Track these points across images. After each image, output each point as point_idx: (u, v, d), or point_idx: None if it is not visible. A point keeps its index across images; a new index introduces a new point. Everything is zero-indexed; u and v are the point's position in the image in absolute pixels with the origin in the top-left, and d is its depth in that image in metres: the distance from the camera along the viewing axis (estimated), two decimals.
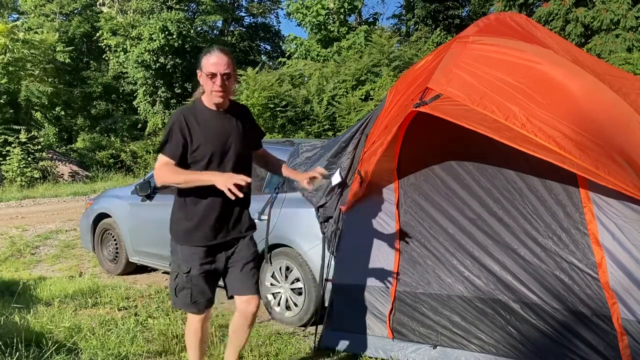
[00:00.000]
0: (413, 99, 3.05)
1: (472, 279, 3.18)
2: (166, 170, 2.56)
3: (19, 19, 26.00)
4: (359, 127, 3.74)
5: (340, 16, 19.11)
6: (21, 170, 16.42)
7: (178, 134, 2.58)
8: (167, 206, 5.43)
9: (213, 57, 2.59)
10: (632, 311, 2.68)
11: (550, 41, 3.32)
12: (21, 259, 7.22)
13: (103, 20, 24.84)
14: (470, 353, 3.18)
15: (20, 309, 4.24)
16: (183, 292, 2.73)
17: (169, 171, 2.56)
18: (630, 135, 2.66)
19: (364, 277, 3.57)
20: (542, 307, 2.94)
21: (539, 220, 3.00)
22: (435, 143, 3.38)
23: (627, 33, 11.73)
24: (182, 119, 2.60)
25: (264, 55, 32.70)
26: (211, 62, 2.58)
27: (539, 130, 2.66)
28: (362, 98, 13.11)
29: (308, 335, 4.03)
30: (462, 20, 19.31)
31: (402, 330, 3.42)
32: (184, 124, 2.60)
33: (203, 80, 2.62)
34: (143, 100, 23.86)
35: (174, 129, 2.60)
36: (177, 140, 2.58)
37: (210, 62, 2.58)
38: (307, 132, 12.96)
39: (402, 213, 3.48)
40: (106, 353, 3.42)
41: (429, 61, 3.43)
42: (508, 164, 3.09)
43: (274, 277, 4.49)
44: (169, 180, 2.56)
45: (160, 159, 2.60)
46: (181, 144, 2.58)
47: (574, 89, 2.80)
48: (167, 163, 2.58)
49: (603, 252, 2.78)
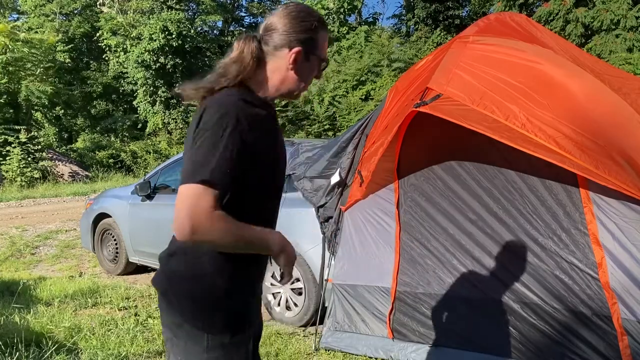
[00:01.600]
0: (413, 99, 3.05)
1: (472, 279, 3.18)
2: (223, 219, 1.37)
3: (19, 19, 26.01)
4: (359, 127, 3.74)
5: (340, 16, 19.12)
6: (21, 170, 16.43)
7: (238, 144, 1.40)
8: (166, 206, 5.47)
9: (327, 34, 1.60)
10: (632, 311, 2.68)
11: (550, 41, 3.32)
12: (21, 259, 7.22)
13: (103, 20, 24.86)
14: (470, 353, 3.17)
15: (20, 309, 4.24)
16: None
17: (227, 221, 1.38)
18: (631, 135, 2.66)
19: (364, 277, 3.57)
20: (542, 307, 2.94)
21: (539, 220, 3.00)
22: (435, 143, 3.38)
23: (627, 33, 11.72)
24: (245, 117, 1.43)
25: None
26: (326, 42, 1.60)
27: (539, 130, 2.66)
28: (363, 98, 13.12)
29: (308, 335, 4.03)
30: (462, 20, 19.31)
31: (402, 330, 3.42)
32: (248, 127, 1.43)
33: (302, 64, 1.55)
34: (143, 100, 23.87)
35: (231, 133, 1.39)
36: (236, 155, 1.40)
37: (326, 43, 1.60)
38: (307, 132, 12.97)
39: (402, 213, 3.48)
40: (106, 353, 3.42)
41: (429, 61, 3.43)
42: (508, 164, 3.09)
43: (274, 277, 4.49)
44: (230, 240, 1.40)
45: (202, 197, 1.35)
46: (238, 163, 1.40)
47: (574, 89, 2.80)
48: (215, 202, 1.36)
49: (603, 252, 2.78)
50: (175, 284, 1.52)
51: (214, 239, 1.37)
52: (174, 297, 1.51)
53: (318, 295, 4.01)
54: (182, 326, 1.49)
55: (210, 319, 1.49)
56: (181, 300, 1.50)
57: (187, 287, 1.50)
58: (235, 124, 1.39)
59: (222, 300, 1.50)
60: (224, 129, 1.38)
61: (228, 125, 1.38)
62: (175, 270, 1.54)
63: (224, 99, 1.45)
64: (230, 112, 1.40)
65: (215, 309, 1.50)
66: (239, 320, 1.53)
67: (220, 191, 1.36)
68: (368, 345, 3.50)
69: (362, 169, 3.51)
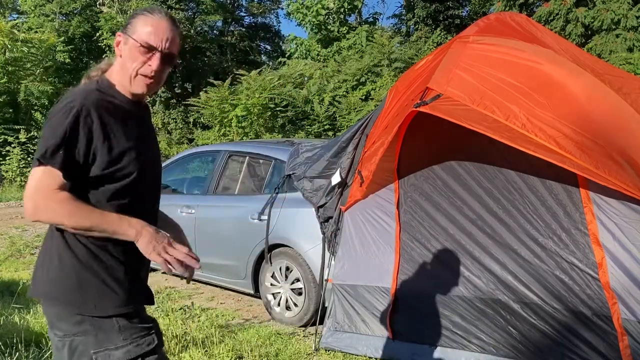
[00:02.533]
0: (413, 99, 3.05)
1: (472, 279, 3.18)
2: (63, 199, 1.45)
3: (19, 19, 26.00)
4: (359, 127, 3.73)
5: (340, 16, 19.10)
6: (21, 170, 16.41)
7: (81, 134, 1.48)
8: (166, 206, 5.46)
9: (156, 20, 1.60)
10: (632, 311, 2.68)
11: (550, 41, 3.32)
12: (21, 259, 7.22)
13: (103, 20, 24.83)
14: (471, 353, 3.17)
15: (20, 309, 4.23)
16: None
17: (68, 202, 1.46)
18: (631, 135, 2.66)
19: (364, 277, 3.57)
20: (543, 307, 2.94)
21: (539, 220, 2.99)
22: (435, 143, 3.38)
23: (628, 33, 11.71)
24: (89, 110, 1.50)
25: (264, 55, 32.72)
26: (150, 28, 1.58)
27: (539, 130, 2.66)
28: (363, 98, 13.11)
29: (308, 335, 4.03)
30: (462, 20, 19.29)
31: (402, 330, 3.41)
32: (92, 118, 1.51)
33: (128, 52, 1.59)
34: None
35: (73, 124, 1.47)
36: (79, 143, 1.48)
37: (149, 29, 1.58)
38: (307, 132, 12.96)
39: (402, 213, 3.48)
40: None
41: (429, 61, 3.43)
42: (508, 164, 3.09)
43: (274, 277, 4.48)
44: (74, 221, 1.47)
45: (42, 175, 1.45)
46: (83, 152, 1.49)
47: (575, 89, 2.80)
48: (58, 185, 1.46)
49: (603, 252, 2.78)
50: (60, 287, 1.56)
51: (56, 218, 1.47)
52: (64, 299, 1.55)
53: (318, 295, 4.00)
54: (84, 321, 1.54)
55: (105, 302, 1.55)
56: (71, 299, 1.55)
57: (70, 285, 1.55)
58: (79, 110, 1.48)
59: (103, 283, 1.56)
60: (66, 115, 1.47)
61: (71, 111, 1.47)
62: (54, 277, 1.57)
63: (77, 89, 1.58)
64: (76, 100, 1.50)
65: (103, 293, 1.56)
66: (127, 295, 1.60)
67: (63, 173, 1.45)
68: (368, 345, 3.50)
69: (362, 169, 3.51)
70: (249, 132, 12.80)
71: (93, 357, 1.54)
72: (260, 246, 4.41)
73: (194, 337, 3.74)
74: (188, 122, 22.08)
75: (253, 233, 4.44)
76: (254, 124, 12.76)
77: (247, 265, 4.59)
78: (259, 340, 3.79)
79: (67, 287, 1.55)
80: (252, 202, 4.63)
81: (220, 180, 5.13)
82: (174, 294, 5.09)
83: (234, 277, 4.81)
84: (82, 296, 1.54)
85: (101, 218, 1.49)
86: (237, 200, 4.91)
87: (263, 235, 4.33)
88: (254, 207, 4.53)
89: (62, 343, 1.56)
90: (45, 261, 1.60)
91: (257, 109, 12.53)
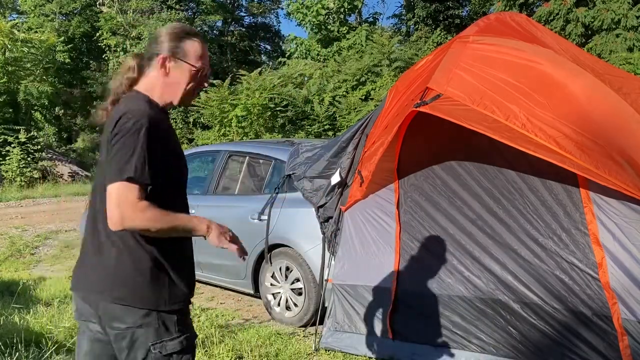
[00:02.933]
0: (413, 99, 3.05)
1: (472, 279, 3.18)
2: (144, 208, 1.61)
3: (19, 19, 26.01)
4: (359, 127, 3.73)
5: (340, 16, 19.10)
6: (21, 170, 16.41)
7: (153, 148, 1.65)
8: None
9: (202, 46, 1.86)
10: (632, 311, 2.68)
11: (550, 41, 3.32)
12: (21, 259, 7.22)
13: (103, 20, 24.83)
14: (471, 353, 3.17)
15: (20, 309, 4.23)
16: None
17: (149, 210, 1.62)
18: (631, 135, 2.66)
19: (364, 277, 3.57)
20: (543, 307, 2.94)
21: (539, 220, 2.99)
22: (435, 143, 3.38)
23: (628, 33, 11.71)
24: (153, 125, 1.67)
25: (264, 55, 32.72)
26: (200, 49, 1.84)
27: (539, 130, 2.66)
28: (363, 98, 13.11)
29: (308, 335, 4.03)
30: (462, 20, 19.30)
31: (402, 330, 3.41)
32: (156, 133, 1.68)
33: (181, 73, 1.80)
34: None
35: (148, 142, 1.64)
36: (154, 156, 1.66)
37: (200, 50, 1.84)
38: (307, 132, 12.96)
39: (402, 213, 3.48)
40: None
41: (429, 61, 3.43)
42: (508, 164, 3.09)
43: (274, 277, 4.48)
44: (157, 226, 1.64)
45: (126, 189, 1.61)
46: (156, 163, 1.67)
47: (575, 89, 2.80)
48: (139, 196, 1.63)
49: (603, 252, 2.78)
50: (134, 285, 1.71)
51: (142, 226, 1.62)
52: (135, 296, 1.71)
53: (318, 295, 4.00)
54: (150, 315, 1.70)
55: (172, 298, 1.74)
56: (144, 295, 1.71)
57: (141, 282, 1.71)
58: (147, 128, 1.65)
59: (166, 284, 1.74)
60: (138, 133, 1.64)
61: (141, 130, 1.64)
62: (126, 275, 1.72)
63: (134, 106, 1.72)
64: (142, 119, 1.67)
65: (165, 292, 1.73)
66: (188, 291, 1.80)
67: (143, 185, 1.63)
68: (368, 345, 3.50)
69: (362, 169, 3.51)
70: (249, 132, 12.80)
71: (151, 348, 1.69)
72: (260, 246, 4.40)
73: None
74: (188, 122, 22.06)
75: (253, 233, 4.43)
76: (254, 124, 12.76)
77: (247, 265, 4.59)
78: (259, 340, 3.79)
79: (141, 284, 1.69)
80: (252, 202, 4.63)
81: (220, 180, 5.13)
82: None
83: (234, 277, 4.81)
84: (154, 293, 1.70)
85: (177, 219, 1.69)
86: (237, 200, 4.91)
87: (263, 235, 4.33)
88: (254, 207, 4.53)
89: (122, 335, 1.70)
90: (115, 260, 1.71)
91: (257, 109, 12.53)
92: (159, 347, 1.70)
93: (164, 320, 1.71)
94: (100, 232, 1.73)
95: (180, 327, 1.75)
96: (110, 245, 1.71)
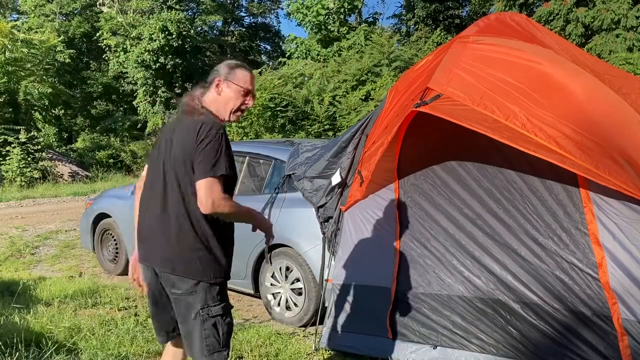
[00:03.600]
0: (413, 99, 3.05)
1: (472, 279, 3.18)
2: (227, 198, 2.19)
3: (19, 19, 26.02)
4: (359, 127, 3.74)
5: (340, 16, 19.10)
6: (21, 170, 16.41)
7: (229, 150, 2.23)
8: None
9: (249, 73, 2.38)
10: (632, 311, 2.68)
11: (550, 41, 3.32)
12: (21, 259, 7.22)
13: (103, 20, 24.84)
14: (471, 353, 3.17)
15: (20, 309, 4.23)
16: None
17: (230, 200, 2.22)
18: (631, 135, 2.66)
19: (364, 277, 3.57)
20: (543, 307, 2.94)
21: (539, 220, 2.99)
22: (435, 143, 3.38)
23: (628, 33, 11.71)
24: (224, 131, 2.25)
25: (264, 55, 32.72)
26: (249, 77, 2.36)
27: (539, 130, 2.66)
28: (363, 98, 13.11)
29: (308, 335, 4.03)
30: (462, 20, 19.30)
31: (402, 330, 3.41)
32: (226, 138, 2.26)
33: (232, 93, 2.33)
34: (143, 100, 23.85)
35: (227, 146, 2.21)
36: (232, 157, 2.24)
37: (248, 78, 2.36)
38: (307, 132, 12.96)
39: (402, 213, 3.48)
40: (106, 353, 3.42)
41: (429, 61, 3.43)
42: (508, 163, 3.09)
43: (274, 277, 4.48)
44: (234, 211, 2.23)
45: (217, 183, 2.15)
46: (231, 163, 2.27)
47: (575, 89, 2.80)
48: (223, 188, 2.18)
49: (603, 252, 2.78)
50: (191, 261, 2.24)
51: (224, 211, 2.18)
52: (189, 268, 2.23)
53: (318, 295, 4.01)
54: (199, 285, 2.23)
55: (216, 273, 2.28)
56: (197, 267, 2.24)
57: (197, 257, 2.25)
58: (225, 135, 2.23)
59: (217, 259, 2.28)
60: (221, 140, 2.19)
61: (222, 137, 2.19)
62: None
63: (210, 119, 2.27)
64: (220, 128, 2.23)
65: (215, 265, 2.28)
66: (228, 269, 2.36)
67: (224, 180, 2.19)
68: (368, 345, 3.50)
69: (362, 169, 3.51)
70: (249, 132, 12.80)
71: (200, 311, 2.22)
72: (260, 246, 4.40)
73: None
74: None
75: (253, 233, 4.42)
76: (254, 124, 12.75)
77: (247, 265, 4.59)
78: (259, 340, 3.79)
79: (194, 261, 2.22)
80: (252, 202, 4.62)
81: None
82: None
83: (234, 277, 4.76)
84: (203, 268, 2.22)
85: (241, 208, 2.30)
86: (237, 200, 4.90)
87: (263, 236, 4.32)
88: (254, 207, 4.50)
89: (179, 299, 2.25)
90: (180, 243, 2.22)
91: (257, 109, 12.52)
92: (206, 310, 2.21)
93: (209, 290, 2.22)
94: (170, 216, 2.23)
95: (221, 297, 2.28)
96: (176, 228, 2.22)
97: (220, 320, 2.25)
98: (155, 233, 2.27)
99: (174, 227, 2.22)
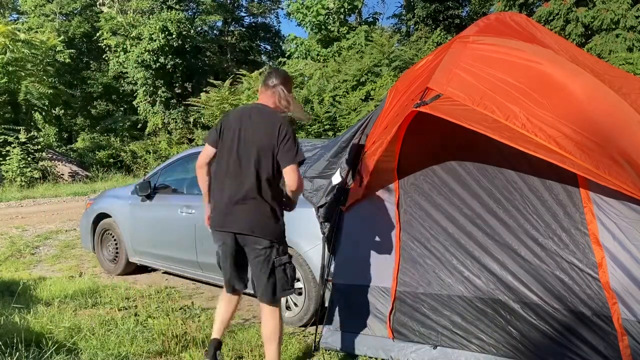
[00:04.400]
0: (413, 99, 3.05)
1: (472, 279, 3.18)
2: (303, 180, 3.07)
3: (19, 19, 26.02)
4: (359, 127, 3.74)
5: (340, 16, 19.12)
6: (21, 170, 16.43)
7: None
8: (166, 206, 5.47)
9: (292, 82, 3.25)
10: (632, 311, 2.68)
11: (550, 41, 3.32)
12: (21, 259, 7.22)
13: (103, 20, 24.86)
14: (471, 353, 3.17)
15: (20, 309, 4.23)
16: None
17: (302, 182, 3.03)
18: (631, 135, 2.66)
19: (364, 277, 3.57)
20: (543, 307, 2.94)
21: (539, 220, 2.99)
22: (435, 143, 3.38)
23: (628, 33, 11.72)
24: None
25: (264, 55, 32.73)
26: (291, 86, 3.23)
27: (539, 130, 2.66)
28: (363, 98, 13.12)
29: (308, 335, 4.03)
30: (462, 20, 19.32)
31: (403, 330, 3.41)
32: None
33: (281, 95, 3.11)
34: (143, 100, 23.86)
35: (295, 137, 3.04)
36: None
37: (291, 86, 3.23)
38: (307, 132, 12.97)
39: (402, 213, 3.48)
40: (106, 353, 3.42)
41: (429, 61, 3.43)
42: (508, 163, 3.09)
43: None
44: (299, 191, 3.04)
45: (297, 169, 2.95)
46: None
47: (575, 89, 2.80)
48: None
49: (603, 252, 2.78)
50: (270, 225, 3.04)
51: (301, 190, 3.05)
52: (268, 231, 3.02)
53: (318, 295, 4.00)
54: (273, 243, 3.03)
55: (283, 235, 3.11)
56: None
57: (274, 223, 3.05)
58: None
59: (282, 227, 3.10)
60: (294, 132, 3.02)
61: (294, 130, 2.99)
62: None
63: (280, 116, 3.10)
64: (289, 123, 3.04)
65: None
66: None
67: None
68: (368, 345, 3.50)
69: (362, 169, 3.51)
70: None
71: (274, 260, 3.01)
72: None
73: (194, 337, 3.74)
74: (188, 122, 22.07)
75: None
76: None
77: None
78: (259, 340, 3.79)
79: (269, 226, 3.00)
80: None
81: None
82: (174, 294, 5.09)
83: None
84: (274, 230, 3.02)
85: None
86: None
87: None
88: None
89: (259, 253, 3.00)
90: (258, 213, 2.98)
91: None
92: (278, 259, 3.02)
93: (279, 246, 3.04)
94: (249, 191, 2.94)
95: (285, 250, 3.09)
96: (252, 201, 2.95)
97: (288, 266, 3.05)
98: (236, 206, 2.97)
99: (252, 202, 2.95)
